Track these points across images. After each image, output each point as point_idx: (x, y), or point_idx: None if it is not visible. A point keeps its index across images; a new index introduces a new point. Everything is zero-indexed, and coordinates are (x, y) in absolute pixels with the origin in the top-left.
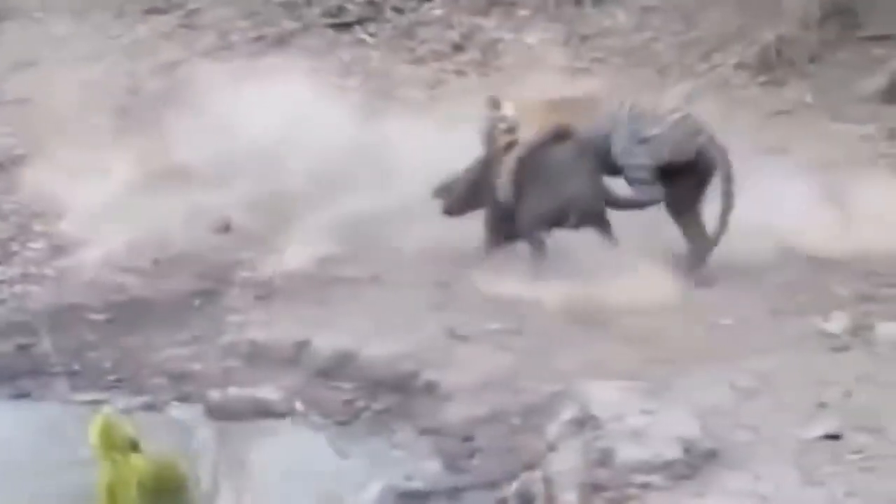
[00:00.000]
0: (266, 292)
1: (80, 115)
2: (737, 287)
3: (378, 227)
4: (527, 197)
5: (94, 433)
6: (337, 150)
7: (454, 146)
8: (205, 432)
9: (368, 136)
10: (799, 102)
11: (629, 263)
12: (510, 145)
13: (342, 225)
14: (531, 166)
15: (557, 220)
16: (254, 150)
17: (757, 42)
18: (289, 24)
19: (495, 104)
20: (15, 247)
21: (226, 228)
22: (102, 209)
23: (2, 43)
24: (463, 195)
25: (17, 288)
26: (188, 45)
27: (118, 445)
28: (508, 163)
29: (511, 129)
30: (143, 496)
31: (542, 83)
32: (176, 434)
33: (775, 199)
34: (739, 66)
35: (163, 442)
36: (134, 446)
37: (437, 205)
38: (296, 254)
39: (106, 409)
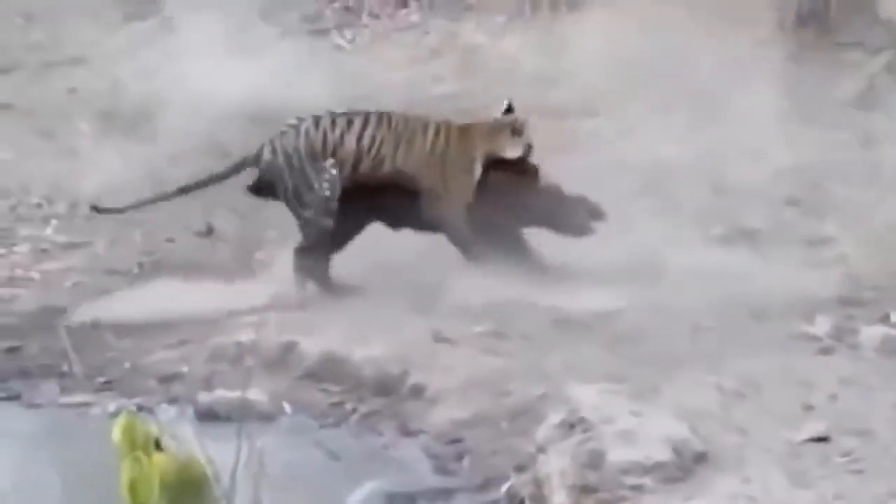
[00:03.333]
0: None
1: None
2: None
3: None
4: None
5: (116, 431)
6: None
7: None
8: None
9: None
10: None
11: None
12: None
13: None
14: None
15: None
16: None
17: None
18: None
19: None
20: (0, 250)
21: (209, 232)
22: (89, 212)
23: None
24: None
25: (4, 291)
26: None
27: (141, 444)
28: None
29: None
30: (166, 493)
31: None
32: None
33: None
34: None
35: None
36: (157, 444)
37: None
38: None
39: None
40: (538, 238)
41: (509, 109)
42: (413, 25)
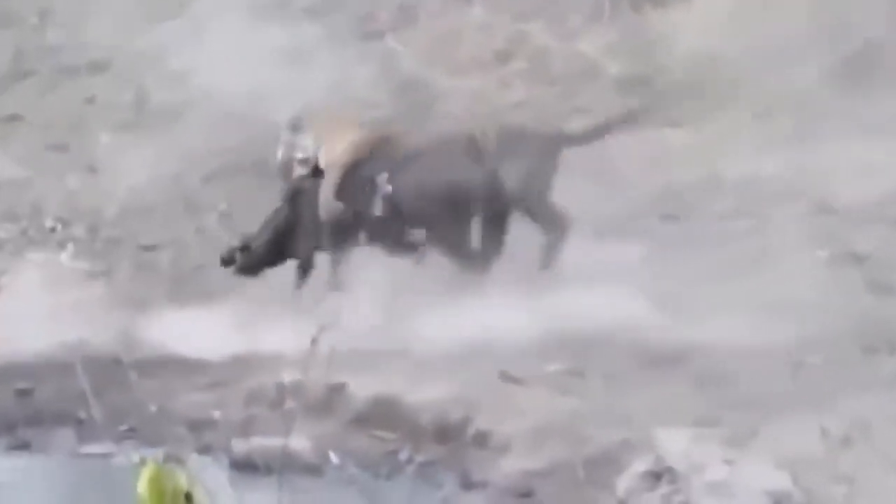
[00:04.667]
0: None
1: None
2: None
3: None
4: None
5: (142, 485)
6: None
7: None
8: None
9: None
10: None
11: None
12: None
13: None
14: None
15: None
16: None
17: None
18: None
19: (295, 127)
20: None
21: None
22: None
23: None
24: (264, 247)
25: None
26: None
27: (170, 498)
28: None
29: (305, 161)
30: None
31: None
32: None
33: None
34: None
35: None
36: (187, 499)
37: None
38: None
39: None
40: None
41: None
42: (477, 26)
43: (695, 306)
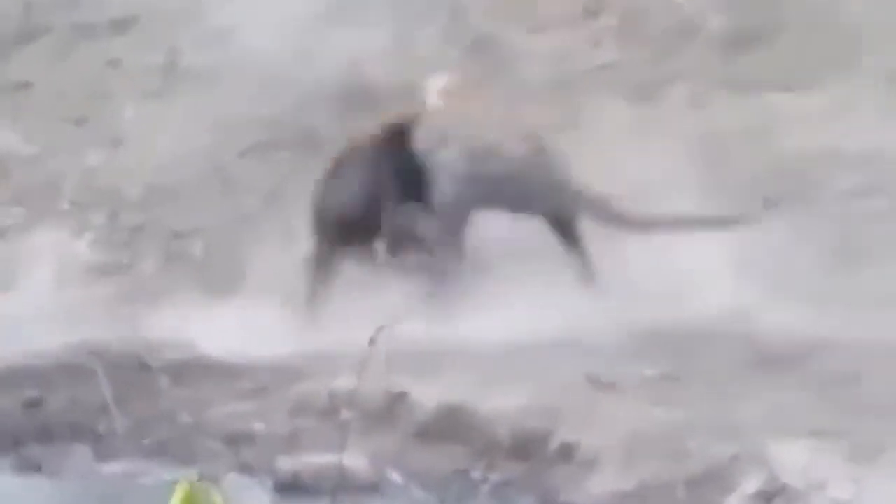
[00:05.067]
0: None
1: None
2: None
3: None
4: None
5: None
6: None
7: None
8: None
9: None
10: None
11: None
12: None
13: None
14: None
15: None
16: None
17: None
18: None
19: None
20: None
21: None
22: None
23: None
24: None
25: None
26: None
27: None
28: None
29: None
30: None
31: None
32: None
33: None
34: None
35: None
36: None
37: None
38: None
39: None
40: None
41: None
42: None
43: (814, 298)
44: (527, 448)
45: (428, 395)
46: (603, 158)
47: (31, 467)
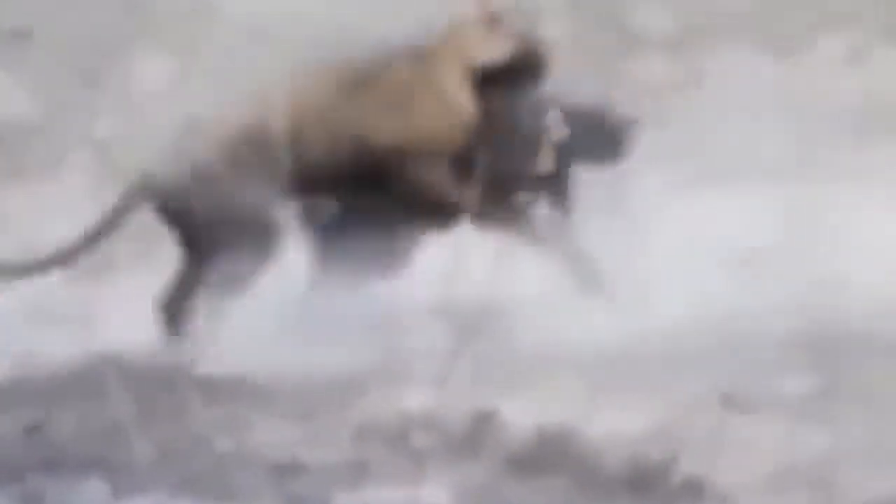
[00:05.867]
0: None
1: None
2: None
3: None
4: None
5: None
6: None
7: None
8: None
9: None
10: None
11: None
12: None
13: None
14: None
15: None
16: None
17: None
18: None
19: None
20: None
21: None
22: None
23: None
24: None
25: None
26: None
27: None
28: None
29: None
30: None
31: None
32: None
33: None
34: None
35: None
36: None
37: None
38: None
39: None
40: None
41: None
42: None
43: None
44: (644, 482)
45: (522, 415)
46: (729, 126)
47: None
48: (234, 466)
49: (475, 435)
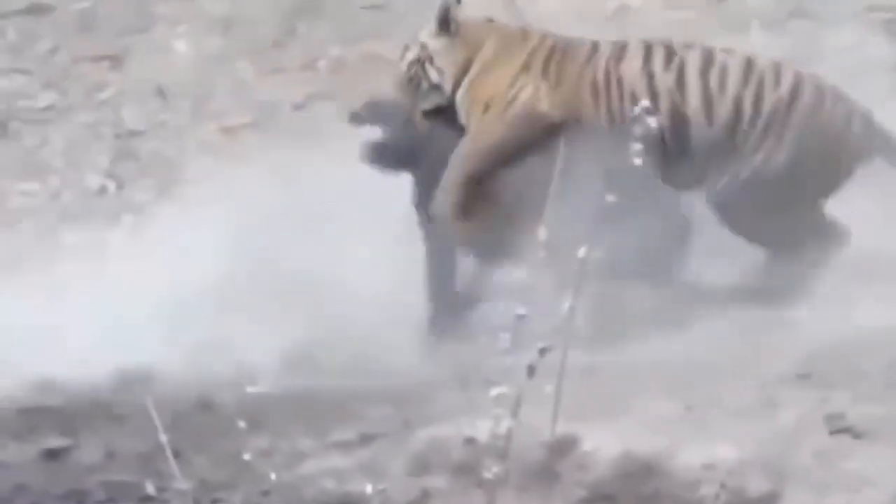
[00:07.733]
0: None
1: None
2: None
3: None
4: None
5: None
6: None
7: None
8: None
9: None
10: None
11: None
12: None
13: None
14: None
15: None
16: None
17: None
18: None
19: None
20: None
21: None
22: None
23: None
24: None
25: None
26: None
27: None
28: None
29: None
30: None
31: None
32: None
33: None
34: None
35: None
36: None
37: None
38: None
39: None
40: None
41: None
42: None
43: None
44: None
45: (606, 444)
46: None
47: None
48: (284, 497)
49: (552, 466)
